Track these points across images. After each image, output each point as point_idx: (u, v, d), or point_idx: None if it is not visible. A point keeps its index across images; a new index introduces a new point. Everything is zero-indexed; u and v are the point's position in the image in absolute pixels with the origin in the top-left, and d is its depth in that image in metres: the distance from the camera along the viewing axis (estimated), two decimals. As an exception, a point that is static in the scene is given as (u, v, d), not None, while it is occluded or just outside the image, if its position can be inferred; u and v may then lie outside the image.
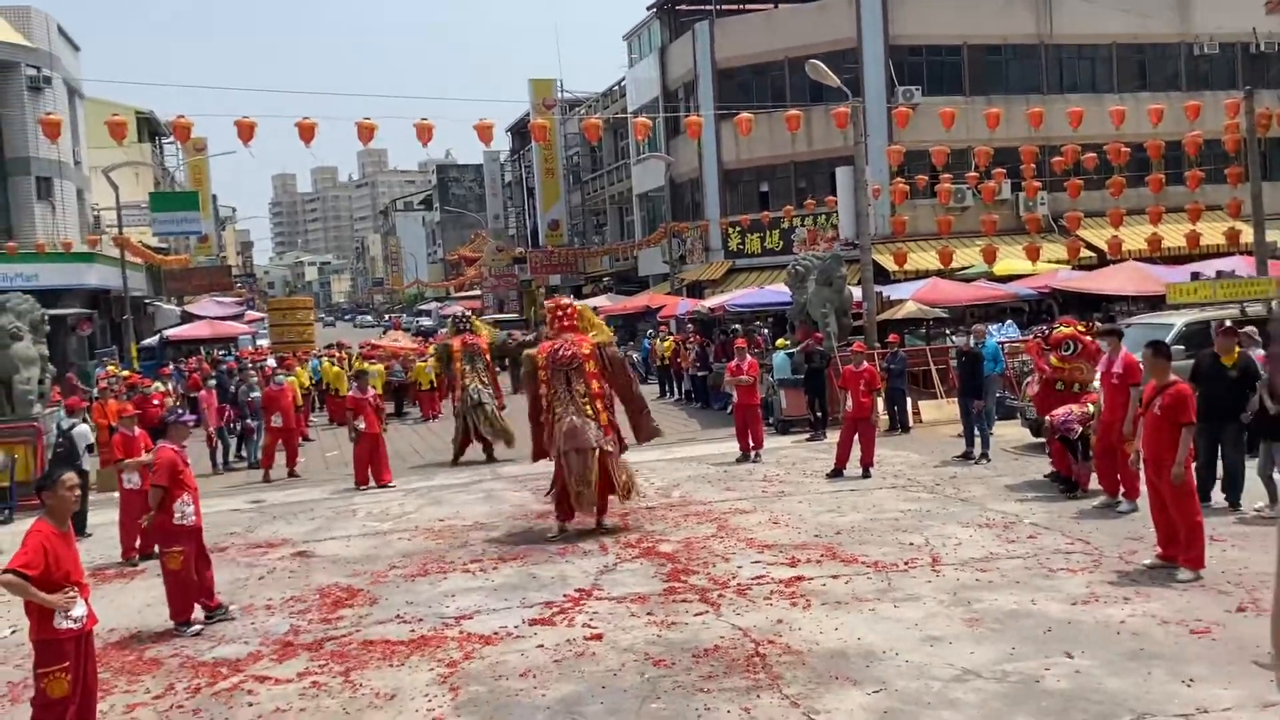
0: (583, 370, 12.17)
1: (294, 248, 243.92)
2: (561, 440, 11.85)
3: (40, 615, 6.10)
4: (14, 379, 16.85)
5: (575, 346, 12.29)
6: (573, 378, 12.14)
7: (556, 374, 12.15)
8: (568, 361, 12.16)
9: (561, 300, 13.40)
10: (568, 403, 12.04)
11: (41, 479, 6.67)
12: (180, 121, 18.83)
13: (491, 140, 19.43)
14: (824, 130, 33.63)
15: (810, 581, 9.36)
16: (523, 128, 61.07)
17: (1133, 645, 7.29)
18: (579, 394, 12.08)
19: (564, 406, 12.03)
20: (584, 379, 12.18)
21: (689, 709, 6.67)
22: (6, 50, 32.65)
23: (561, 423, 11.93)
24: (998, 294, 26.32)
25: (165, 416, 10.33)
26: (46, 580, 6.12)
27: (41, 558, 6.11)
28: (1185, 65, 37.94)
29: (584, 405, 12.04)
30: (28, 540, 6.18)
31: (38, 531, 6.22)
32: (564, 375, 12.14)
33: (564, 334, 12.56)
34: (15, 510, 15.33)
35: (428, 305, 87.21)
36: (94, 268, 35.02)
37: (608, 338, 13.01)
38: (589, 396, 12.13)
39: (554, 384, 12.15)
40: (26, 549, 6.12)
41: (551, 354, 12.25)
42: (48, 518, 6.37)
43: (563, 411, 12.00)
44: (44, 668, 6.11)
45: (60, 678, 6.12)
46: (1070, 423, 12.17)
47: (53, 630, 6.11)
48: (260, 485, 17.44)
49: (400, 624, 8.88)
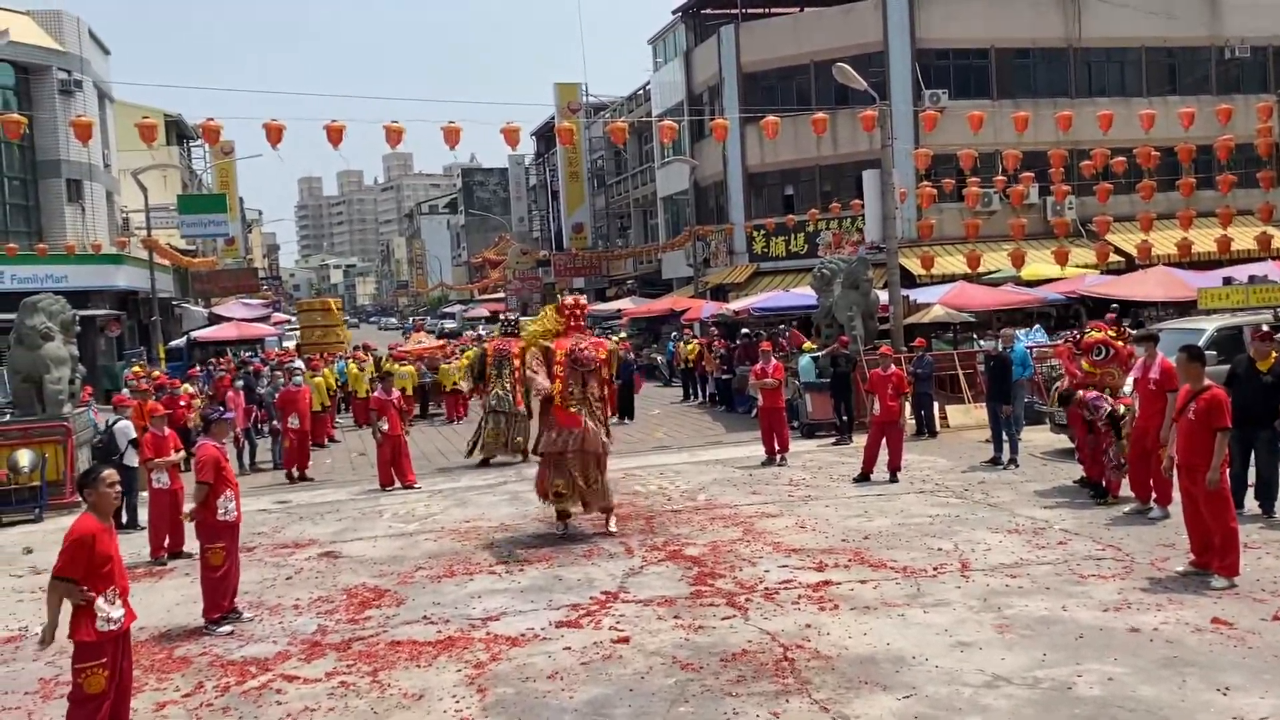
0: (598, 374, 12.26)
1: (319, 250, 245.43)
2: (570, 440, 12.01)
3: (81, 616, 6.13)
4: (45, 379, 16.99)
5: (596, 349, 12.38)
6: (589, 379, 12.17)
7: (574, 373, 12.11)
8: (588, 363, 12.17)
9: (581, 299, 13.37)
10: (581, 403, 12.09)
11: (84, 476, 6.70)
12: (209, 124, 18.94)
13: (518, 144, 19.45)
14: (849, 134, 33.50)
15: (838, 586, 9.30)
16: (548, 131, 61.19)
17: (1166, 653, 7.21)
18: (593, 396, 12.18)
19: (578, 407, 12.07)
20: (599, 382, 12.28)
21: (717, 713, 6.64)
22: (38, 54, 33.00)
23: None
24: (1025, 299, 26.13)
25: (208, 414, 10.38)
26: (92, 576, 6.16)
27: (81, 559, 6.14)
28: (1216, 68, 37.58)
29: (597, 408, 12.20)
30: (67, 542, 6.19)
31: (79, 530, 6.24)
32: (581, 376, 12.14)
33: (574, 333, 12.52)
34: (46, 509, 15.47)
35: (452, 308, 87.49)
36: (122, 269, 35.33)
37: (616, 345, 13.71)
38: (600, 401, 12.27)
39: (569, 382, 12.09)
40: (65, 551, 6.15)
41: (572, 352, 12.19)
42: (92, 513, 6.41)
43: (576, 412, 12.06)
44: (81, 663, 6.15)
45: (98, 673, 6.16)
46: (1100, 402, 12.04)
47: (94, 631, 6.14)
48: (287, 486, 17.50)
49: (427, 625, 8.89)
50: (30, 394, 17.17)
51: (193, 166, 57.26)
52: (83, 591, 6.10)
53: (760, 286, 35.70)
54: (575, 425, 12.06)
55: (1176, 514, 9.93)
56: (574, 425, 12.07)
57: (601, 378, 12.34)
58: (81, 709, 6.16)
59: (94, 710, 6.15)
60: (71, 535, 6.19)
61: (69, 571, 6.11)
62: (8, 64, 32.24)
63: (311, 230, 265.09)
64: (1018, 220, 25.91)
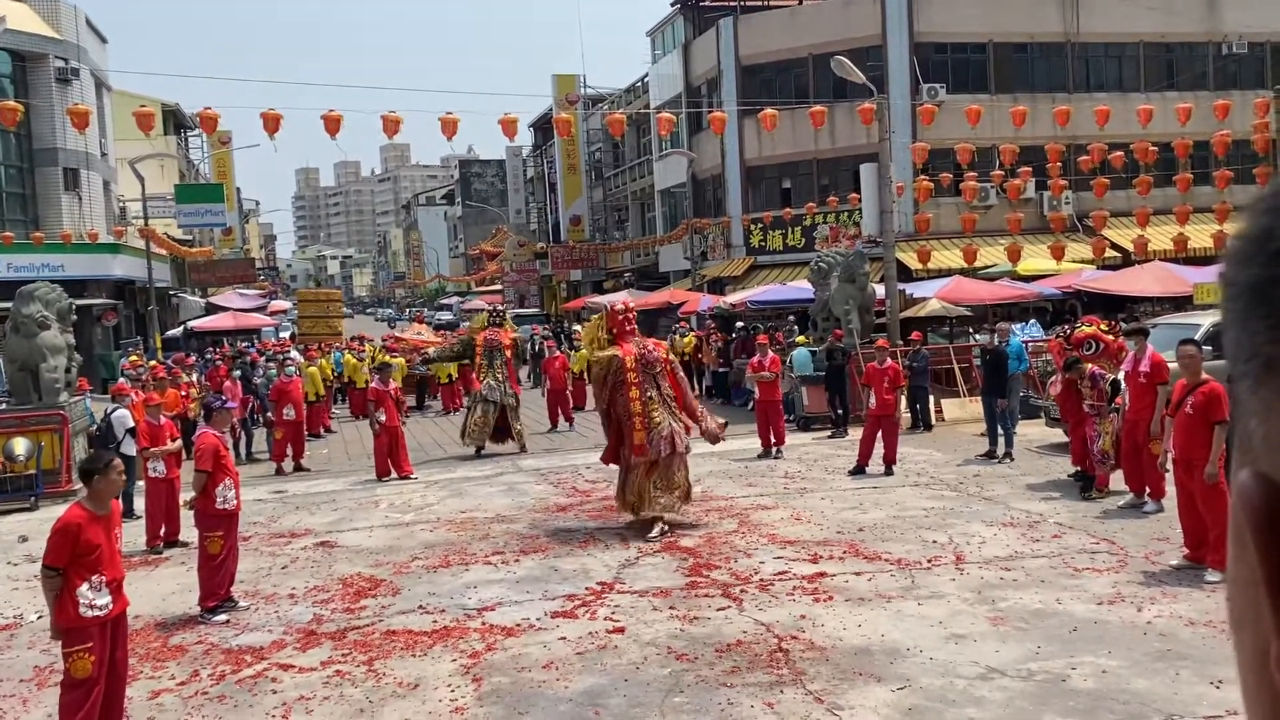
0: (665, 375, 12.16)
1: (316, 241, 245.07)
2: (662, 445, 11.69)
3: (64, 601, 6.14)
4: (41, 367, 16.96)
5: (658, 349, 12.32)
6: (660, 380, 12.05)
7: (647, 377, 11.95)
8: (655, 365, 12.05)
9: (630, 302, 13.25)
10: (660, 405, 11.90)
11: (92, 462, 6.70)
12: (207, 113, 18.92)
13: (515, 135, 19.51)
14: (847, 127, 33.47)
15: (833, 578, 9.33)
16: (545, 123, 61.05)
17: (1160, 646, 7.23)
18: (668, 397, 12.06)
19: (659, 410, 11.87)
20: (668, 383, 12.16)
21: (712, 703, 6.66)
22: (36, 42, 32.88)
23: (660, 427, 11.73)
24: (1021, 293, 26.16)
25: (209, 402, 10.39)
26: (76, 564, 6.17)
27: (66, 549, 6.17)
28: (1214, 64, 37.57)
29: (673, 408, 12.05)
30: (53, 531, 6.19)
31: (64, 520, 6.26)
32: (653, 378, 12.00)
33: (628, 338, 12.28)
34: (41, 497, 15.47)
35: (449, 299, 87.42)
36: (119, 259, 35.24)
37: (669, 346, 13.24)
38: (673, 400, 12.13)
39: (644, 386, 11.90)
40: (50, 540, 6.17)
41: (641, 357, 12.04)
42: (87, 502, 6.41)
43: (660, 417, 11.82)
44: (68, 648, 6.17)
45: (84, 658, 6.18)
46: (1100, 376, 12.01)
47: (78, 618, 6.17)
48: (283, 476, 17.50)
49: (423, 614, 8.90)
50: (26, 382, 17.15)
51: (190, 156, 57.12)
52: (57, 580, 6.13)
53: (757, 280, 35.68)
54: (662, 430, 11.78)
55: (1170, 508, 9.96)
56: (661, 430, 11.78)
57: (671, 379, 12.24)
58: (71, 694, 6.17)
59: (84, 696, 6.16)
60: (57, 525, 6.24)
61: (52, 560, 6.17)
62: (4, 52, 32.07)
63: (308, 221, 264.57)
64: (1014, 215, 25.98)
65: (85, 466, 6.76)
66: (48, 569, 6.14)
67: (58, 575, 6.12)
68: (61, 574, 6.13)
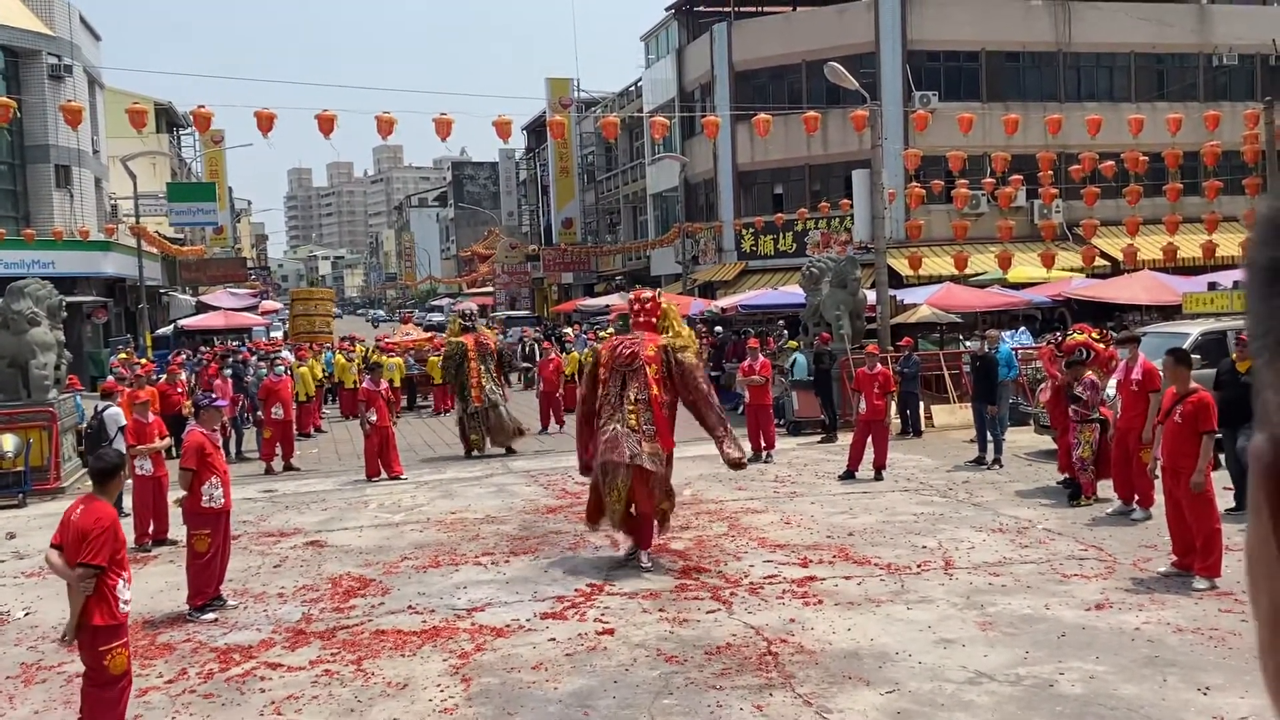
0: (642, 373, 10.48)
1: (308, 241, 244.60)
2: (599, 449, 10.46)
3: (98, 600, 6.11)
4: (30, 364, 16.90)
5: (638, 345, 10.68)
6: (629, 380, 10.49)
7: (614, 374, 10.60)
8: (627, 361, 10.59)
9: (644, 292, 11.53)
10: (616, 408, 10.47)
11: (108, 460, 6.67)
12: (200, 111, 18.91)
13: (509, 136, 19.49)
14: (839, 133, 33.59)
15: (822, 582, 9.34)
16: (539, 126, 61.10)
17: (1148, 652, 7.27)
18: (629, 399, 10.40)
19: (610, 412, 10.49)
20: (642, 383, 10.45)
21: (701, 705, 6.67)
22: (29, 38, 32.78)
23: (604, 430, 10.44)
24: (1011, 300, 26.23)
25: (198, 400, 10.36)
26: (113, 562, 6.21)
27: (109, 546, 6.18)
28: (1204, 75, 37.79)
29: (630, 413, 10.34)
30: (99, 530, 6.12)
31: (109, 518, 6.25)
32: (620, 376, 10.56)
33: (639, 330, 11.04)
34: (30, 494, 15.41)
35: (440, 301, 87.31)
36: (110, 256, 35.15)
37: (684, 342, 10.93)
38: (641, 403, 10.37)
39: (610, 385, 10.59)
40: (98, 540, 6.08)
41: (613, 350, 10.82)
42: (108, 499, 6.41)
43: (608, 418, 10.46)
44: (106, 645, 6.14)
45: (122, 654, 6.24)
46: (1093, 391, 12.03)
47: (116, 615, 6.19)
48: (273, 476, 17.45)
49: (412, 614, 8.89)
50: (15, 379, 17.09)
51: (182, 155, 56.99)
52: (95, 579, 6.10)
53: (748, 284, 35.76)
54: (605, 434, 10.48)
55: (1159, 515, 10.01)
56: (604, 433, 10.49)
57: (650, 378, 10.43)
58: (109, 691, 6.19)
59: (121, 690, 6.24)
60: (104, 523, 6.17)
61: (100, 559, 6.09)
62: (-3, 48, 32.06)
63: (301, 221, 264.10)
64: (1005, 222, 26.05)
65: (109, 464, 6.68)
66: (92, 567, 6.05)
67: (98, 574, 6.09)
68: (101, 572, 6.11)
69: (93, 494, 6.44)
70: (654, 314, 11.02)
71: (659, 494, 10.52)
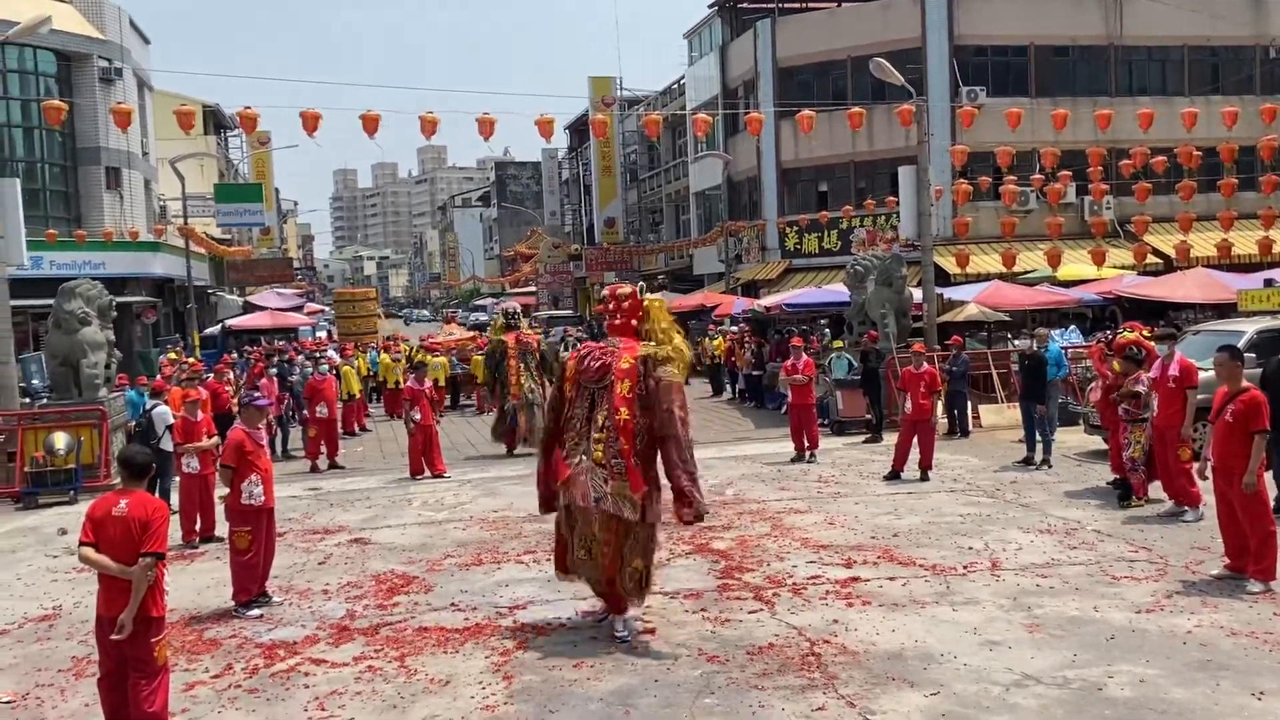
0: (612, 392, 8.15)
1: (353, 242, 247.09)
2: (561, 488, 8.30)
3: (155, 592, 6.21)
4: (81, 363, 17.21)
5: (611, 356, 8.29)
6: (598, 400, 8.26)
7: (582, 391, 8.36)
8: (596, 376, 8.28)
9: (621, 288, 8.87)
10: (583, 436, 8.24)
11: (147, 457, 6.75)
12: (246, 113, 19.10)
13: (552, 135, 19.52)
14: (885, 130, 33.33)
15: (867, 583, 9.25)
16: (581, 125, 61.21)
17: (1200, 656, 7.11)
18: (597, 424, 8.16)
19: (576, 440, 8.28)
20: (610, 404, 8.14)
21: (743, 705, 6.62)
22: (80, 42, 33.33)
23: (568, 462, 8.25)
24: (1061, 299, 25.86)
25: (243, 398, 10.48)
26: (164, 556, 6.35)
27: (167, 537, 6.34)
28: (1260, 68, 37.05)
29: (597, 442, 8.09)
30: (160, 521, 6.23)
31: (166, 511, 6.39)
32: (590, 395, 8.32)
33: (616, 336, 8.62)
34: (81, 491, 15.65)
35: (483, 301, 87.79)
36: (159, 257, 35.68)
37: (669, 353, 8.33)
38: (609, 430, 8.07)
39: (576, 405, 8.37)
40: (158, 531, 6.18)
41: (581, 362, 8.46)
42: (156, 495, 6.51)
43: (573, 447, 8.27)
44: (157, 636, 6.25)
45: (165, 645, 6.36)
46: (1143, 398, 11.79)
47: (164, 607, 6.32)
48: (318, 474, 17.61)
49: (455, 612, 8.92)
50: (67, 378, 17.41)
51: (229, 156, 57.73)
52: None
53: (792, 283, 35.56)
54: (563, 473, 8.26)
55: (1211, 516, 9.80)
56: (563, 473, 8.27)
57: (618, 397, 8.07)
58: (161, 679, 6.28)
59: (167, 681, 6.36)
60: (162, 512, 6.28)
61: (164, 547, 6.23)
62: (50, 52, 32.57)
63: (346, 222, 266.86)
64: (1055, 219, 25.67)
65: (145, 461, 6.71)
66: (157, 555, 6.15)
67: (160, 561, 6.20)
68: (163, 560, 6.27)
69: (128, 488, 6.50)
70: (633, 315, 8.58)
71: (630, 552, 8.16)
